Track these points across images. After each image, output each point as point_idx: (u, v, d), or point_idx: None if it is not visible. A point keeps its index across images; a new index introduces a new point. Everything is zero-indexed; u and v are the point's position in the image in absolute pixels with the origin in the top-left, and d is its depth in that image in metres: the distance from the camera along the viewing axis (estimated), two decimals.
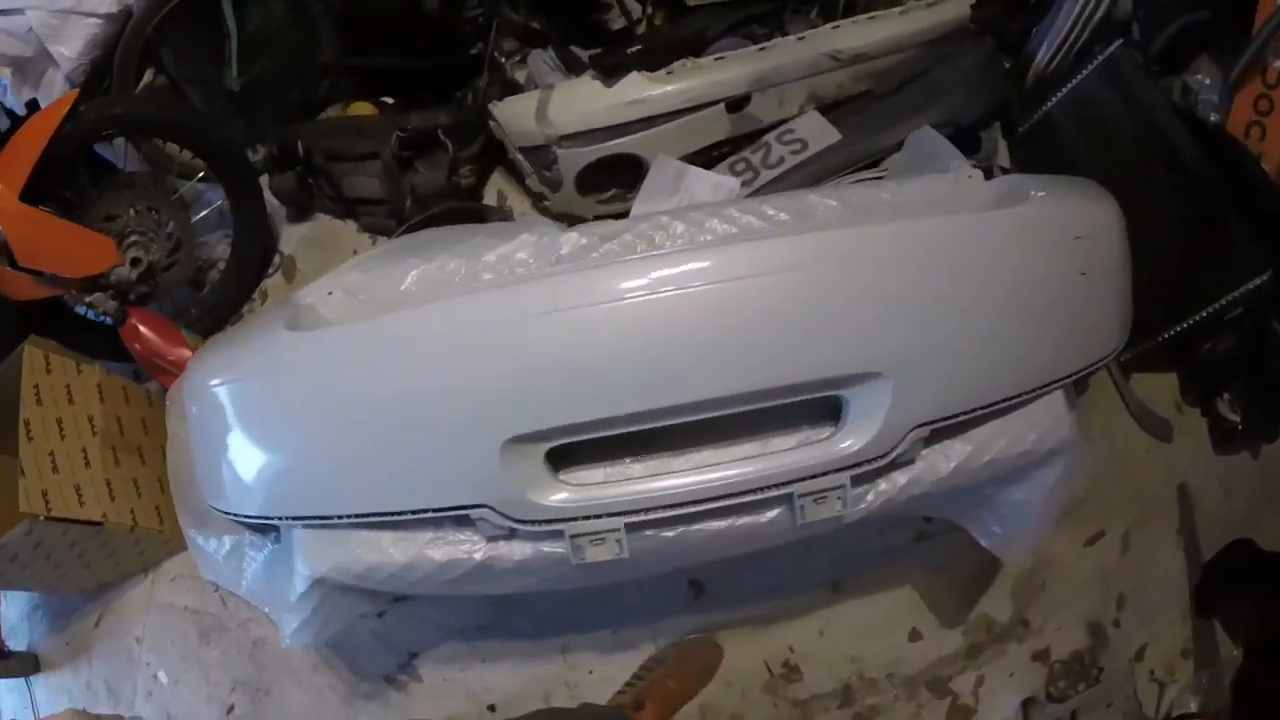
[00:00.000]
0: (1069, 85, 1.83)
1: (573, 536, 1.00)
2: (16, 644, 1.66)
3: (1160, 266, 1.54)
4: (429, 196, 1.80)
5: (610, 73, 1.67)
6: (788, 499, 1.02)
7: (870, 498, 1.06)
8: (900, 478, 1.07)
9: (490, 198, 1.95)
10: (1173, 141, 1.60)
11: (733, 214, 1.10)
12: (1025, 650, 1.52)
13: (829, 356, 0.97)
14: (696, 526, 1.04)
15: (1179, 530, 1.59)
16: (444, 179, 1.78)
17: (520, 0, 1.85)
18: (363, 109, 1.94)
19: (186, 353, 1.59)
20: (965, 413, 1.04)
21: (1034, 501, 1.20)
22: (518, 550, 1.05)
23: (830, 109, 1.80)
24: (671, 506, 1.00)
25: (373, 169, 1.82)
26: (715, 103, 1.68)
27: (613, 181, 1.81)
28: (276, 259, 1.94)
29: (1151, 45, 1.86)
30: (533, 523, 1.00)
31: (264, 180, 1.88)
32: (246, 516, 1.13)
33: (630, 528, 1.01)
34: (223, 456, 1.11)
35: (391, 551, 1.07)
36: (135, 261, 1.61)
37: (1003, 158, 1.90)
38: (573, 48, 1.87)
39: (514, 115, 1.72)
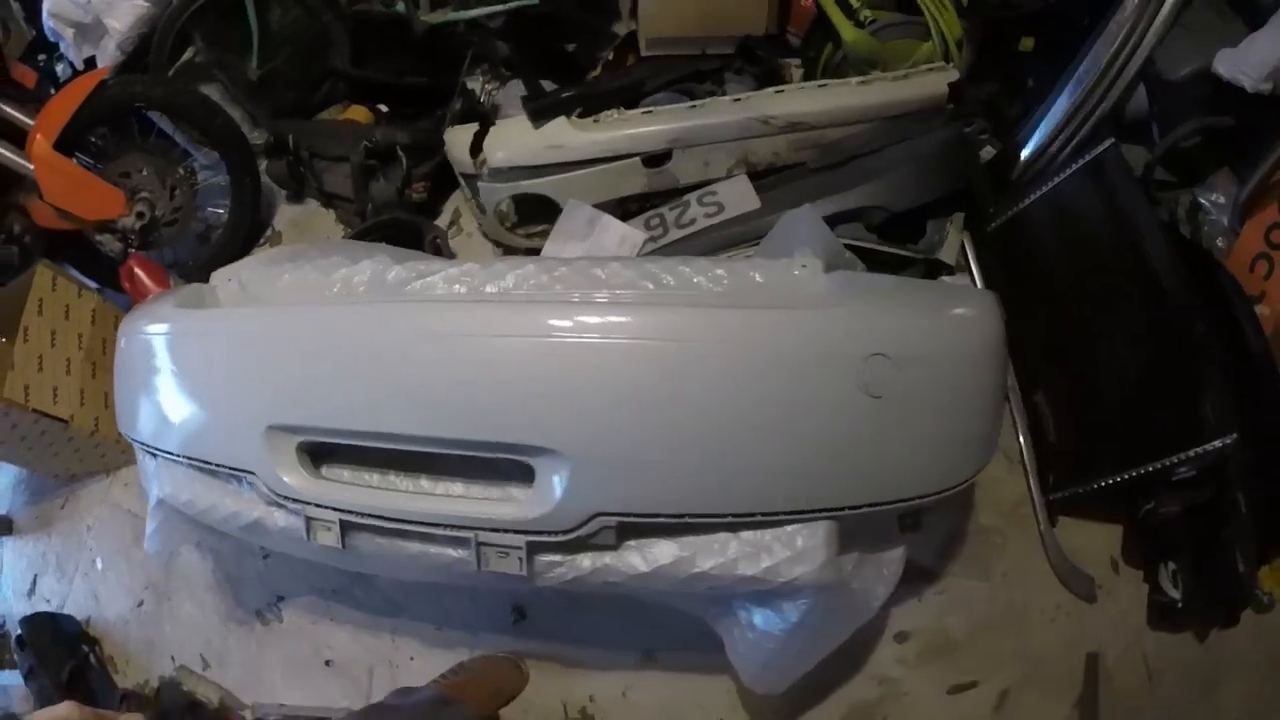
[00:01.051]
0: (1050, 183, 1.64)
1: (306, 518, 1.16)
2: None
3: (1112, 400, 1.42)
4: (382, 204, 1.96)
5: (538, 115, 1.71)
6: (472, 543, 1.07)
7: (561, 570, 1.08)
8: (586, 561, 1.07)
9: (447, 215, 2.08)
10: (1152, 262, 1.39)
11: (530, 274, 1.13)
12: None
13: (517, 424, 1.01)
14: (399, 542, 1.14)
15: (1076, 703, 1.35)
16: (395, 191, 1.93)
17: (497, 30, 1.93)
18: (359, 114, 2.11)
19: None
20: (663, 516, 1.01)
21: (775, 635, 1.11)
22: (280, 518, 1.22)
23: (761, 175, 1.74)
24: (374, 518, 1.12)
25: (345, 170, 2.01)
26: (632, 156, 1.68)
27: (543, 216, 1.86)
28: (267, 232, 2.18)
29: (1165, 150, 1.63)
30: (281, 497, 1.16)
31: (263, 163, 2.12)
32: (133, 438, 1.39)
33: (346, 526, 1.14)
34: (124, 387, 1.38)
35: (202, 491, 1.29)
36: (140, 215, 1.89)
37: (952, 252, 1.71)
38: (544, 82, 1.94)
39: (456, 143, 1.80)
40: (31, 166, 1.67)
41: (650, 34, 1.81)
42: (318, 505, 1.14)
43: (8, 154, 1.68)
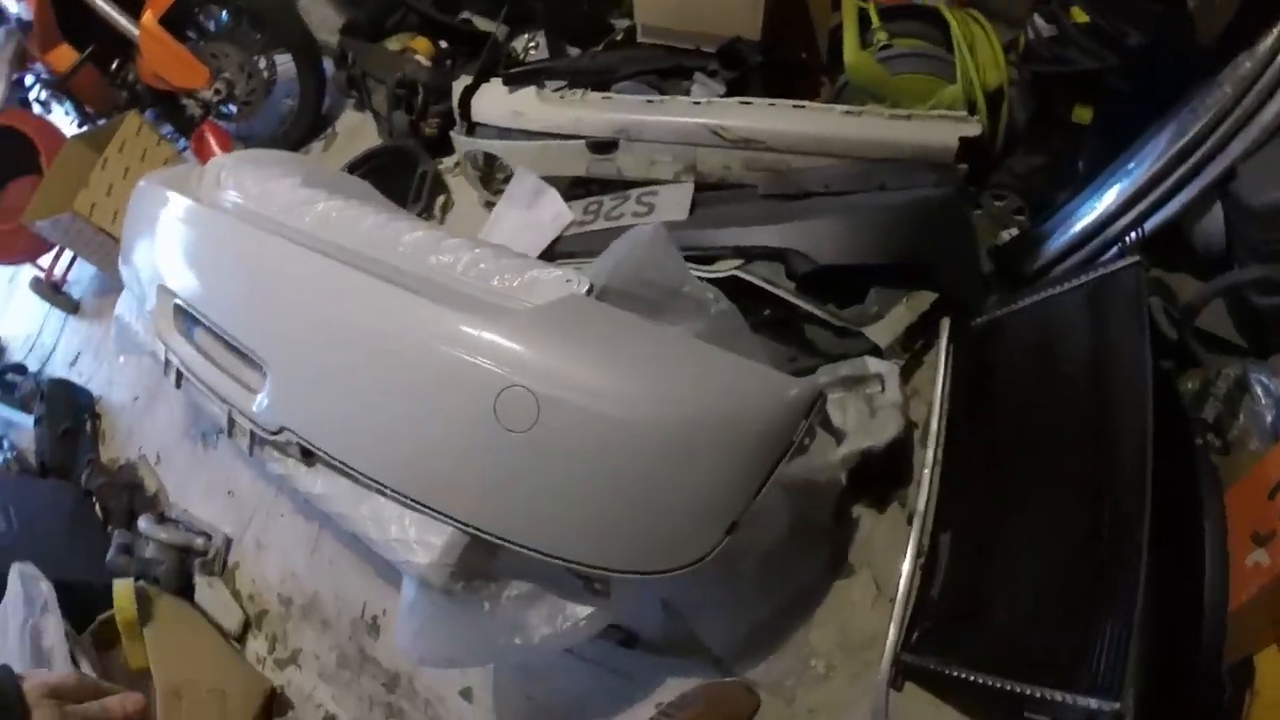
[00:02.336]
0: (1051, 291, 1.28)
1: (165, 359, 1.46)
2: (73, 291, 2.58)
3: (1009, 583, 1.10)
4: (396, 131, 2.08)
5: (511, 80, 1.68)
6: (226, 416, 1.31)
7: (274, 465, 1.28)
8: (285, 467, 1.25)
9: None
10: (1121, 441, 1.02)
11: (378, 231, 1.23)
12: None
13: (258, 333, 1.24)
14: (203, 398, 1.37)
15: None
16: (408, 123, 2.03)
17: None
18: (421, 45, 2.19)
19: None
20: (328, 455, 1.12)
21: (420, 608, 1.14)
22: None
23: (712, 188, 1.57)
24: (195, 376, 1.37)
25: (384, 94, 2.15)
26: (579, 138, 1.60)
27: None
28: (328, 130, 2.40)
29: (1215, 295, 1.21)
30: (159, 337, 1.46)
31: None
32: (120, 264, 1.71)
33: (180, 376, 1.43)
34: (126, 224, 1.68)
35: (132, 318, 1.66)
36: (218, 91, 2.18)
37: (889, 334, 1.38)
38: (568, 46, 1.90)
39: (456, 91, 1.83)
40: (137, 33, 2.01)
41: (642, 20, 1.67)
42: (171, 351, 1.41)
43: (123, 21, 2.02)
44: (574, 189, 1.71)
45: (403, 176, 2.02)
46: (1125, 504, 0.98)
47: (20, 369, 2.56)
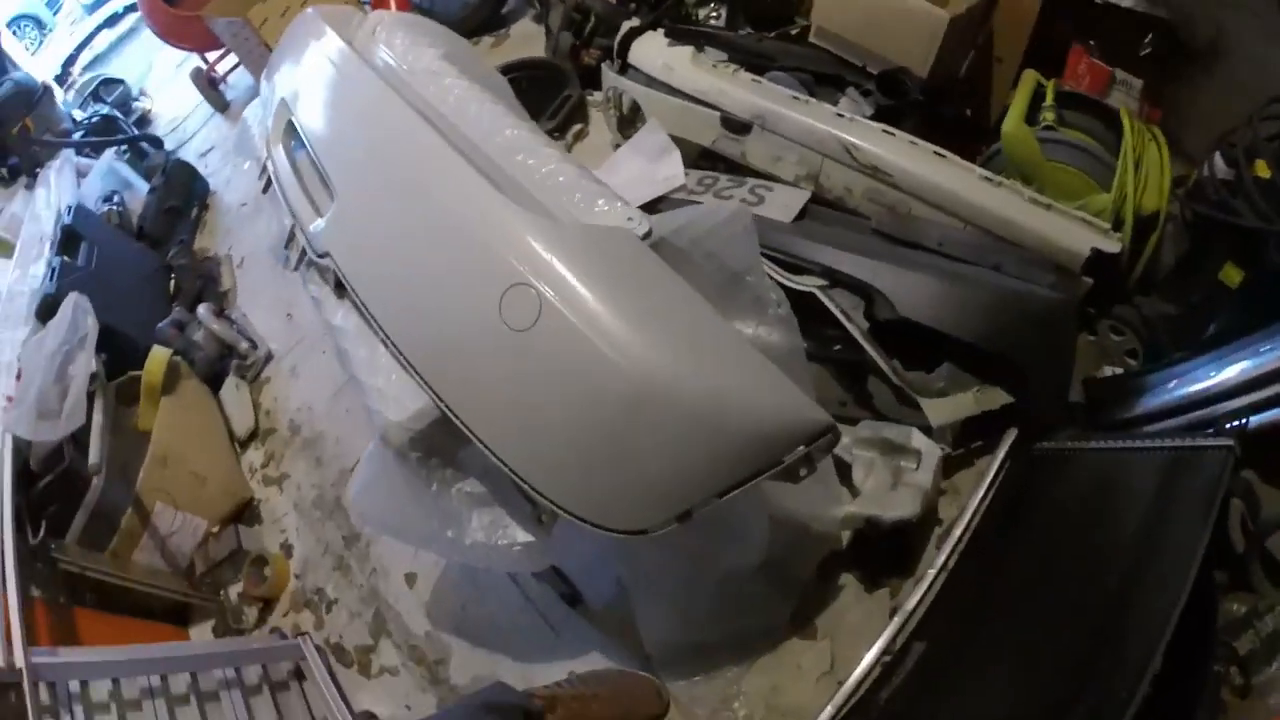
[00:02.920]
0: (1129, 443, 1.17)
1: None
2: (227, 93, 2.72)
3: None
4: (559, 51, 2.10)
5: (674, 35, 1.66)
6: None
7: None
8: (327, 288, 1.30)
9: None
10: (1145, 625, 0.88)
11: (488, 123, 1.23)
12: None
13: (341, 168, 1.28)
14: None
15: None
16: (570, 46, 2.05)
17: None
18: None
19: None
20: (352, 286, 1.19)
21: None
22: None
23: (824, 204, 1.53)
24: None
25: (560, 13, 2.18)
26: (716, 110, 1.57)
27: None
28: (501, 30, 2.47)
29: None
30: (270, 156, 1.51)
31: None
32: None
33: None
34: (279, 48, 1.72)
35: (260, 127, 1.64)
36: None
37: (944, 415, 1.29)
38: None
39: (622, 29, 1.81)
40: None
41: (819, 22, 1.62)
42: (271, 159, 1.48)
43: None
44: (699, 161, 1.69)
45: (550, 94, 2.04)
46: (1108, 700, 0.86)
47: (157, 142, 2.74)
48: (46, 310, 1.80)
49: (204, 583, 1.74)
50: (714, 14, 2.01)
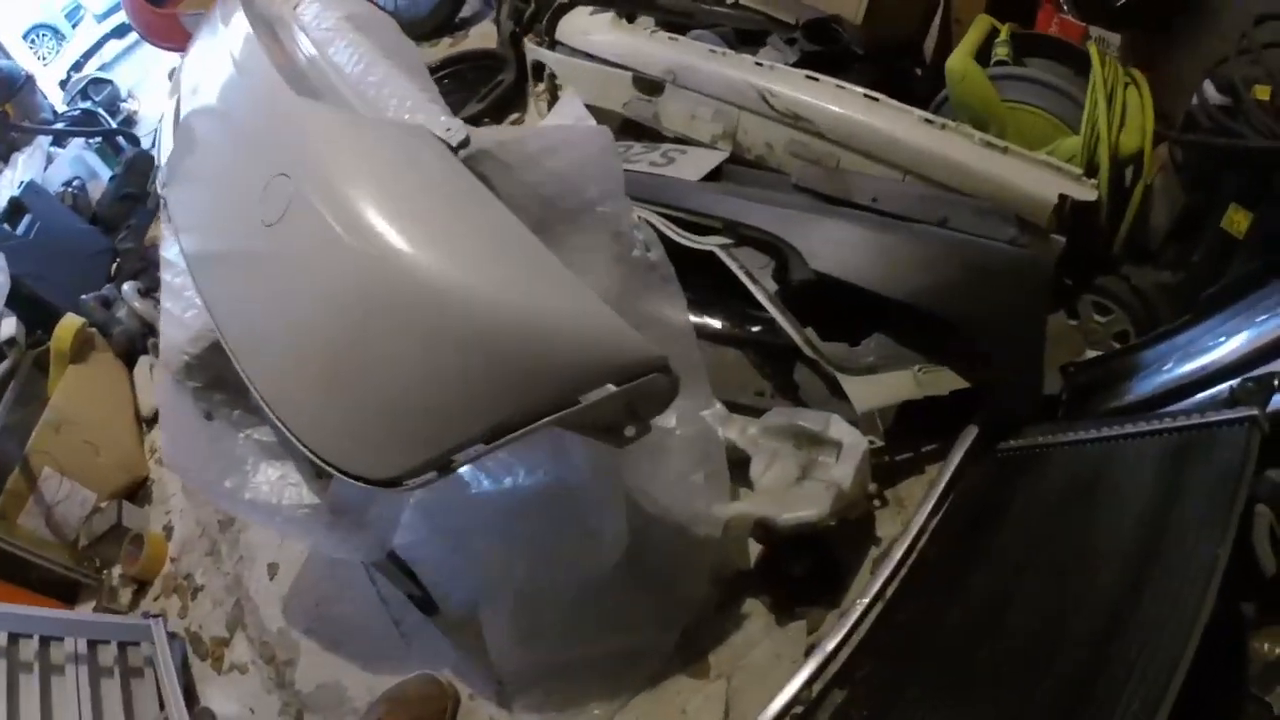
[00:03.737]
0: (1123, 430, 0.87)
1: None
2: None
3: None
4: (500, 39, 2.01)
5: (601, 3, 1.54)
6: None
7: None
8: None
9: None
10: (1152, 666, 0.61)
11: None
12: None
13: None
14: None
15: None
16: (510, 32, 1.95)
17: None
18: None
19: None
20: None
21: None
22: None
23: (743, 164, 1.31)
24: None
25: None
26: (628, 70, 1.40)
27: None
28: (460, 31, 2.38)
29: None
30: None
31: None
32: None
33: None
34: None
35: None
36: None
37: (872, 397, 1.02)
38: None
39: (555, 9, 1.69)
40: None
41: None
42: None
43: None
44: (620, 133, 1.51)
45: (494, 78, 1.94)
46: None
47: (133, 139, 2.76)
48: None
49: (87, 557, 1.61)
50: None
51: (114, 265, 2.16)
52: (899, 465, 1.08)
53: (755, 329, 1.18)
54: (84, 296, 1.89)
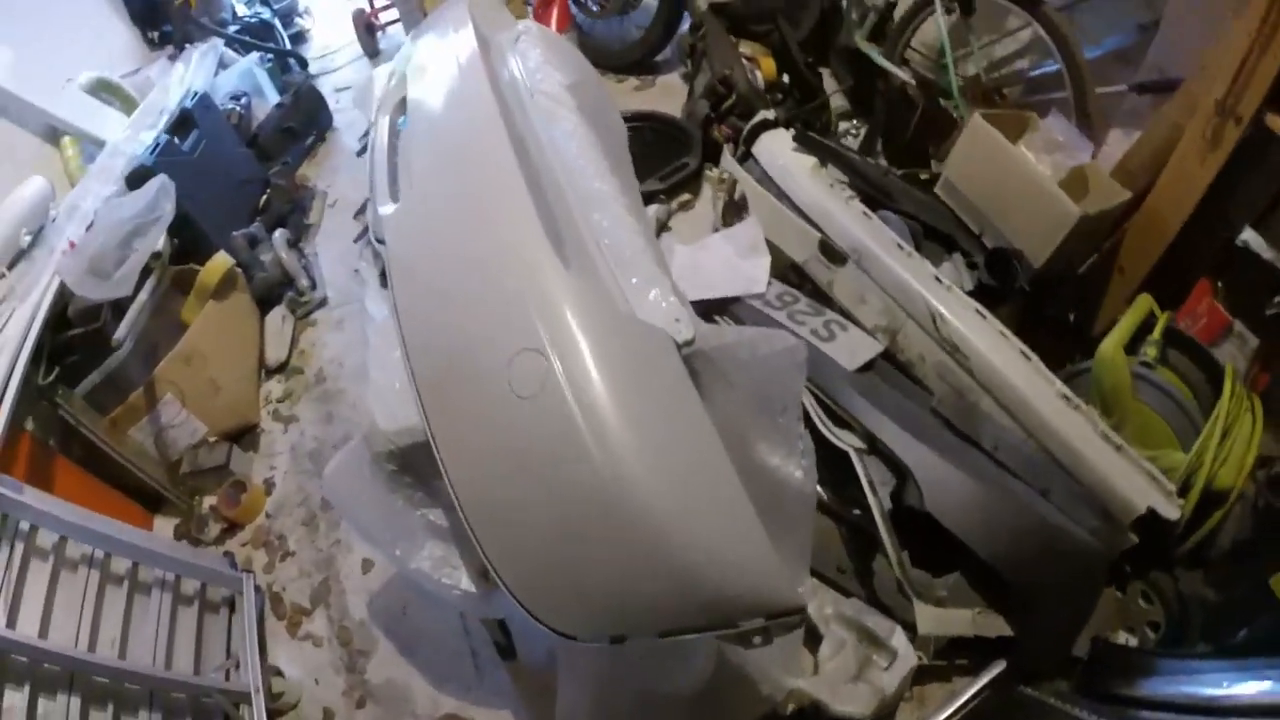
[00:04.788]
0: None
1: None
2: (381, 41, 2.84)
3: None
4: (692, 116, 2.17)
5: (801, 140, 1.68)
6: None
7: None
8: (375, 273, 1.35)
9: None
10: None
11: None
12: None
13: None
14: None
15: None
16: (704, 116, 2.11)
17: (886, 88, 1.93)
18: (767, 64, 2.20)
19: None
20: None
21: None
22: None
23: (893, 363, 1.51)
24: None
25: (707, 76, 2.25)
26: (817, 230, 1.59)
27: None
28: (649, 77, 2.55)
29: None
30: None
31: None
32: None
33: None
34: (426, 22, 1.81)
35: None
36: None
37: (936, 626, 1.25)
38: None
39: (757, 115, 1.85)
40: None
41: (949, 175, 1.61)
42: (375, 127, 1.51)
43: None
44: (787, 273, 1.70)
45: (671, 153, 2.10)
46: None
47: (302, 62, 2.92)
48: (136, 179, 1.89)
49: (183, 482, 1.81)
50: (853, 130, 2.04)
51: (263, 198, 2.31)
52: (928, 668, 1.29)
53: (856, 512, 1.39)
54: (235, 233, 2.05)
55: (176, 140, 2.06)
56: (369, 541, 1.30)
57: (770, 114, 1.84)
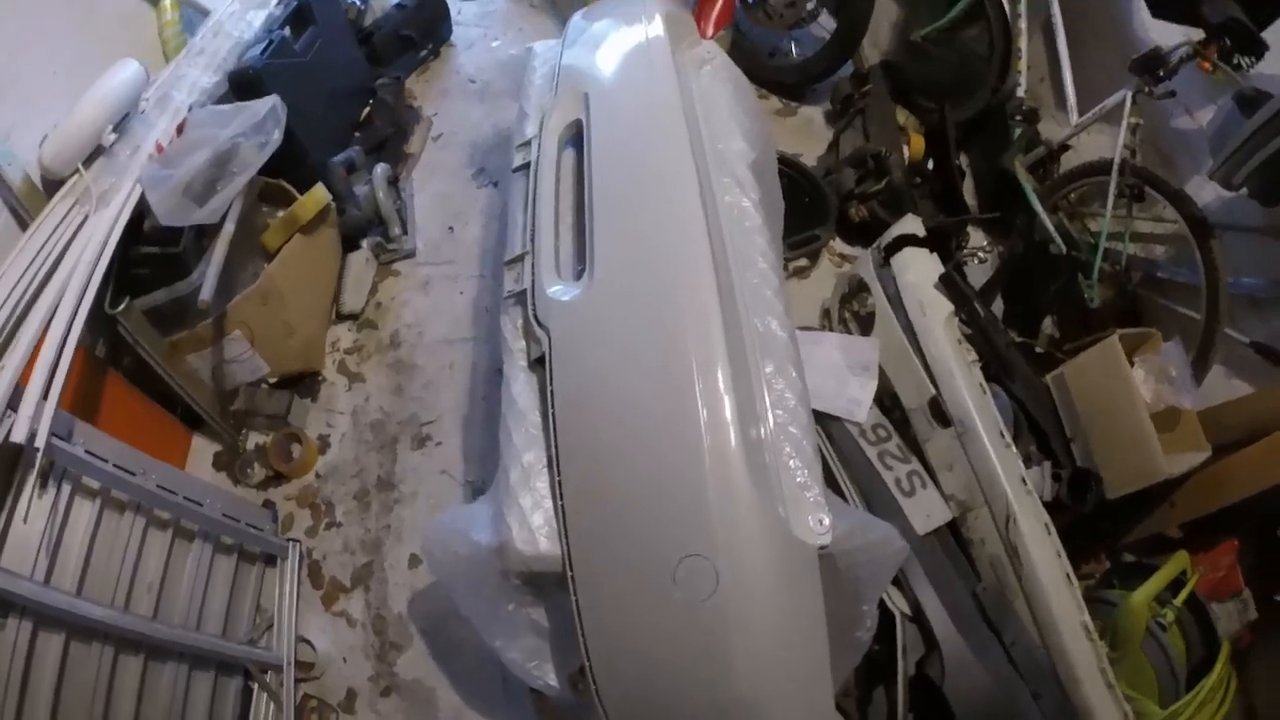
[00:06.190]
0: None
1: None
2: None
3: None
4: (828, 181, 2.22)
5: (946, 282, 1.79)
6: None
7: None
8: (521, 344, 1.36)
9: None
10: None
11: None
12: None
13: None
14: None
15: None
16: (843, 187, 2.17)
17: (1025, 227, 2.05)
18: (917, 141, 2.25)
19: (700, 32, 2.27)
20: None
21: None
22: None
23: (955, 537, 1.71)
24: None
25: (856, 141, 2.26)
26: (932, 384, 1.73)
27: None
28: (796, 104, 2.53)
29: None
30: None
31: None
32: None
33: None
34: (605, 7, 1.77)
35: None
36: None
37: None
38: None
39: (904, 221, 1.93)
40: None
41: (1067, 373, 1.80)
42: (540, 151, 1.50)
43: None
44: (886, 400, 1.84)
45: (800, 209, 2.14)
46: None
47: None
48: (242, 84, 1.80)
49: (233, 416, 1.88)
50: (981, 254, 2.12)
51: (365, 111, 2.21)
52: None
53: (877, 647, 1.63)
54: (335, 158, 1.99)
55: (289, 36, 1.93)
56: (460, 608, 1.39)
57: (920, 229, 1.91)
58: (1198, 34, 1.78)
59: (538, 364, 1.27)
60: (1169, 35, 1.90)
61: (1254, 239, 1.90)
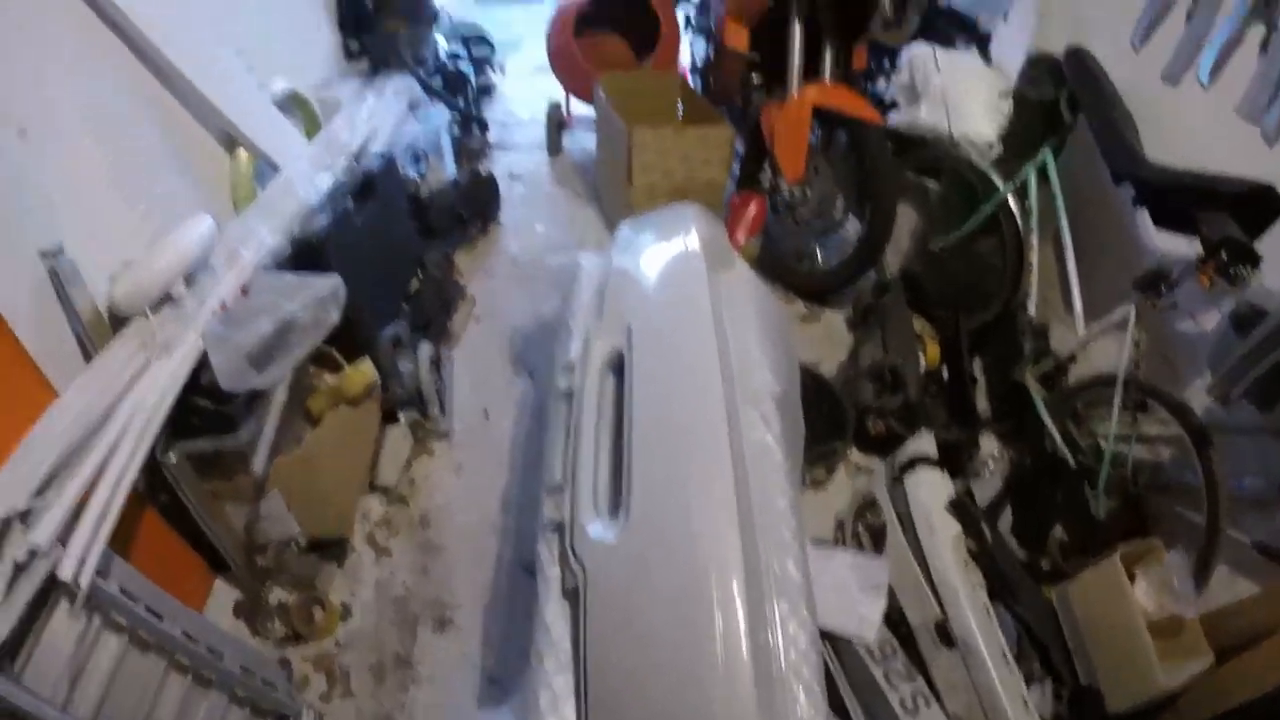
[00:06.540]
0: None
1: None
2: (567, 141, 2.94)
3: None
4: (849, 395, 2.37)
5: (958, 508, 1.90)
6: None
7: None
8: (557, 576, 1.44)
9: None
10: None
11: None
12: None
13: None
14: None
15: None
16: (862, 400, 2.33)
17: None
18: (933, 350, 2.42)
19: (732, 239, 2.50)
20: None
21: None
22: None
23: None
24: None
25: (876, 352, 2.45)
26: (938, 606, 1.82)
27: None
28: (821, 308, 2.72)
29: None
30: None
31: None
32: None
33: None
34: (650, 220, 1.95)
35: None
36: (794, 193, 2.54)
37: None
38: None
39: (921, 441, 2.08)
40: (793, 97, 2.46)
41: (1071, 593, 1.90)
42: (585, 388, 1.60)
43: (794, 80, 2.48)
44: (894, 616, 1.92)
45: (818, 426, 2.24)
46: None
47: (485, 127, 3.02)
48: (307, 254, 1.92)
49: (259, 570, 1.95)
50: (990, 467, 2.26)
51: (413, 282, 2.36)
52: None
53: None
54: (386, 330, 2.12)
55: (353, 208, 2.08)
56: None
57: (933, 448, 2.04)
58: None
59: (571, 593, 1.36)
60: (1173, 241, 2.02)
61: (1255, 440, 1.98)
